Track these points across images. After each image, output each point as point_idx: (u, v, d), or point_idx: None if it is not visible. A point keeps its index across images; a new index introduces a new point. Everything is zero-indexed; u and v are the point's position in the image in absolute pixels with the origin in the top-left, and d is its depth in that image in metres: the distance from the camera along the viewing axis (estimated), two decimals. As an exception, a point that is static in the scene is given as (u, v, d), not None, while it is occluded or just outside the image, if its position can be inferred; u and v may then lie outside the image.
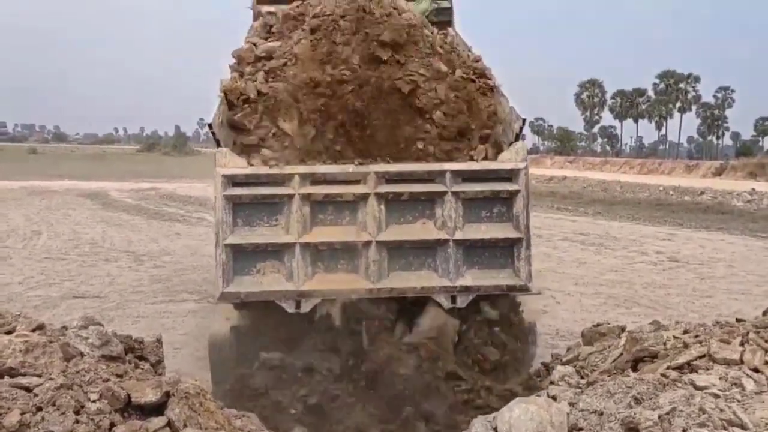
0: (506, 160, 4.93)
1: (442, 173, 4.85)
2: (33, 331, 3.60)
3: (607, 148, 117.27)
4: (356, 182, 4.81)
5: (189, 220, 17.91)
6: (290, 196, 4.71)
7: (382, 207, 4.78)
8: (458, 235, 4.77)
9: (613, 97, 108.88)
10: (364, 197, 4.77)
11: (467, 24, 7.18)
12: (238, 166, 4.77)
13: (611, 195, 30.07)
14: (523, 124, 5.00)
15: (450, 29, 7.44)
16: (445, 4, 7.64)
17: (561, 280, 9.99)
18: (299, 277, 4.64)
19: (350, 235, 4.74)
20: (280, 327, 4.82)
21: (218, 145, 4.82)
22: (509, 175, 4.89)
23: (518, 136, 5.03)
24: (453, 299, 4.78)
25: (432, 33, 5.98)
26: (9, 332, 3.50)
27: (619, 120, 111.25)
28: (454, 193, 4.81)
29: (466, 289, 4.77)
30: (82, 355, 3.52)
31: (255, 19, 7.44)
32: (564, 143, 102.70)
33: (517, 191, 4.84)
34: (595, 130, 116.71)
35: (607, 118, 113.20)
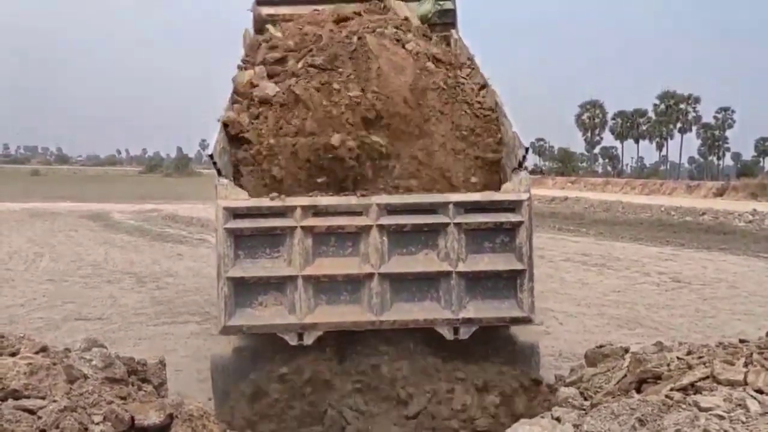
0: (509, 191, 4.91)
1: (445, 204, 4.84)
2: (37, 353, 3.61)
3: (609, 168, 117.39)
4: (358, 214, 4.79)
5: (191, 242, 17.92)
6: (292, 229, 4.70)
7: (385, 239, 4.76)
8: (461, 267, 4.75)
9: (613, 118, 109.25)
10: (367, 229, 4.76)
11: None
12: (239, 198, 4.77)
13: (613, 215, 30.04)
14: (527, 152, 4.98)
15: (453, 31, 7.46)
16: (449, 6, 7.62)
17: (563, 301, 9.97)
18: (301, 310, 4.63)
19: (352, 268, 4.73)
20: (282, 350, 4.80)
21: (219, 174, 4.80)
22: (512, 206, 4.86)
23: (521, 164, 4.99)
24: (456, 331, 4.75)
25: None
26: (13, 354, 3.52)
27: (620, 140, 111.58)
28: (457, 225, 4.79)
29: (469, 321, 4.75)
30: (85, 377, 3.52)
31: (255, 21, 7.49)
32: (565, 164, 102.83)
33: (521, 222, 4.81)
34: (596, 150, 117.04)
35: (608, 139, 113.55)
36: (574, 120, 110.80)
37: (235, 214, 4.71)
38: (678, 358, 4.54)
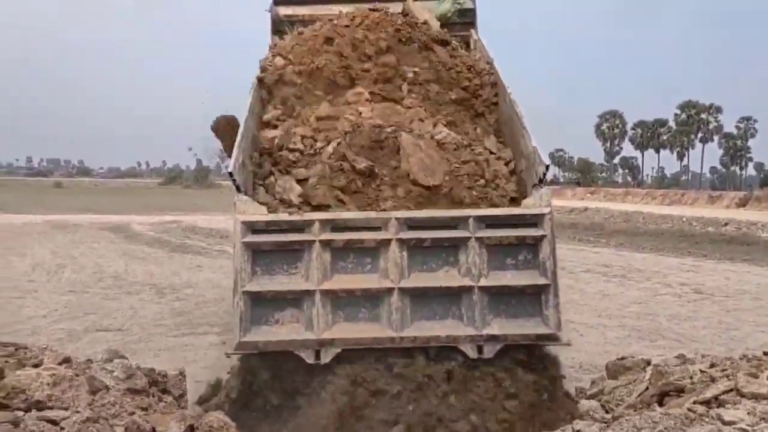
0: (530, 206, 4.83)
1: (465, 219, 4.76)
2: (59, 364, 3.65)
3: (629, 178, 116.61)
4: (377, 228, 4.74)
5: (210, 253, 18.02)
6: (310, 243, 4.64)
7: (404, 253, 4.67)
8: (483, 282, 4.63)
9: (633, 128, 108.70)
10: (386, 243, 4.68)
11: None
12: (257, 213, 4.75)
13: (634, 226, 29.81)
14: (547, 169, 4.88)
15: (473, 31, 7.44)
16: (469, 5, 7.58)
17: (584, 312, 9.89)
18: (319, 326, 4.52)
19: (372, 283, 4.64)
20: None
21: (238, 190, 4.79)
22: (534, 221, 4.77)
23: (542, 181, 4.90)
24: (480, 349, 4.57)
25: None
26: (36, 365, 3.55)
27: (640, 151, 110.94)
28: (478, 239, 4.69)
29: (494, 338, 4.57)
30: (107, 388, 3.55)
31: (273, 23, 7.53)
32: (585, 174, 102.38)
33: (543, 236, 4.70)
34: (616, 161, 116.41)
35: (627, 149, 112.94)
36: (593, 130, 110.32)
37: (254, 228, 4.68)
38: (701, 370, 4.49)
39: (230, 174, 4.75)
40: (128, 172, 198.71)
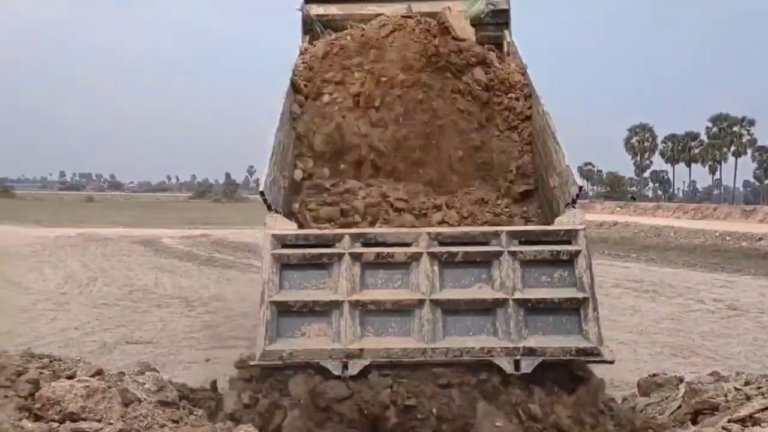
0: (563, 224, 4.75)
1: (497, 234, 4.67)
2: (92, 376, 3.70)
3: (659, 192, 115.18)
4: (407, 245, 4.66)
5: (239, 266, 18.14)
6: (340, 256, 4.58)
7: (436, 268, 4.57)
8: (518, 295, 4.48)
9: (663, 142, 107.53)
10: (417, 257, 4.60)
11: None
12: (288, 227, 4.74)
13: (664, 240, 29.47)
14: (580, 191, 4.79)
15: (506, 32, 7.37)
16: (503, 6, 7.46)
17: (614, 328, 9.75)
18: (347, 337, 4.38)
19: (402, 296, 4.53)
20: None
21: (269, 209, 4.77)
22: (568, 237, 4.67)
23: (574, 201, 4.81)
24: (516, 365, 4.35)
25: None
26: (70, 377, 3.61)
27: (670, 164, 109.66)
28: (511, 253, 4.58)
29: (531, 352, 4.35)
30: (139, 400, 3.59)
31: (304, 23, 7.55)
32: (614, 188, 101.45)
33: (578, 251, 4.58)
34: (646, 174, 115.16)
35: (657, 163, 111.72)
36: (623, 144, 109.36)
37: (283, 242, 4.66)
38: (735, 388, 4.41)
39: (261, 194, 4.72)
40: (158, 186, 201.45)
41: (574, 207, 4.80)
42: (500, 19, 7.46)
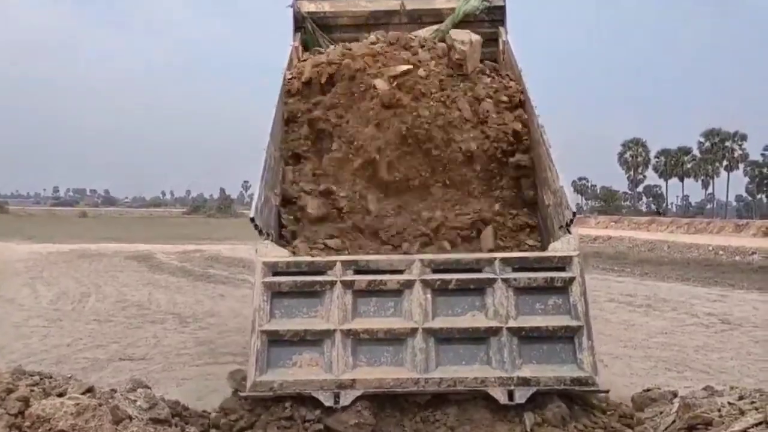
0: (557, 250, 4.72)
1: (491, 261, 4.64)
2: (83, 393, 3.68)
3: (653, 207, 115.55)
4: (400, 272, 4.63)
5: (233, 282, 18.07)
6: (332, 283, 4.53)
7: (429, 296, 4.53)
8: (512, 323, 4.44)
9: (657, 156, 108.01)
10: (410, 284, 4.55)
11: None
12: (280, 255, 4.69)
13: (658, 255, 29.53)
14: (574, 216, 4.77)
15: (502, 30, 7.38)
16: (498, 3, 7.48)
17: (608, 342, 9.74)
18: (338, 367, 4.32)
19: (395, 324, 4.49)
20: None
21: (260, 233, 4.76)
22: (562, 264, 4.64)
23: (568, 227, 4.82)
24: (510, 395, 4.30)
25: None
26: (60, 394, 3.58)
27: (663, 179, 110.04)
28: (505, 280, 4.54)
29: (525, 382, 4.32)
30: (130, 418, 3.57)
31: (295, 20, 7.53)
32: (608, 203, 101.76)
33: (572, 279, 4.55)
34: (640, 189, 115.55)
35: (651, 177, 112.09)
36: (616, 158, 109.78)
37: (275, 270, 4.61)
38: (729, 403, 4.41)
39: (251, 220, 4.68)
40: (153, 201, 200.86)
41: (568, 233, 4.77)
42: (495, 15, 7.47)
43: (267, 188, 5.19)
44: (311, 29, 7.57)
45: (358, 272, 4.63)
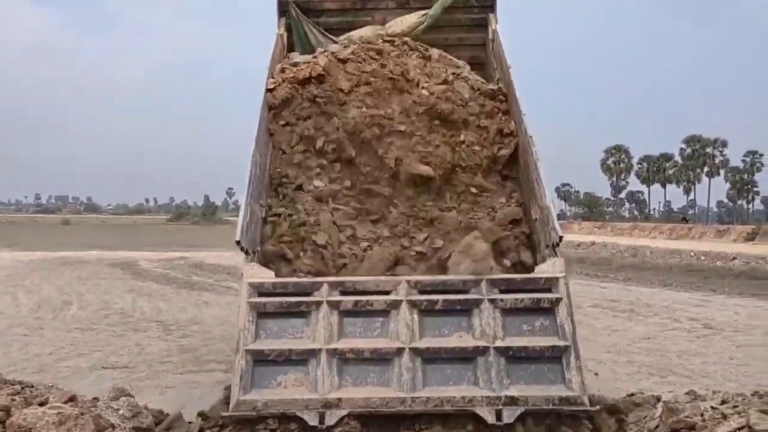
0: (543, 272, 4.72)
1: (477, 282, 4.63)
2: (65, 402, 3.64)
3: (635, 213, 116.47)
4: (386, 293, 4.60)
5: (217, 289, 17.99)
6: (318, 304, 4.50)
7: (415, 316, 4.50)
8: (499, 343, 4.41)
9: (639, 162, 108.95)
10: (396, 305, 4.52)
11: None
12: (265, 276, 4.66)
13: (641, 260, 29.74)
14: (560, 240, 4.77)
15: (491, 16, 7.33)
16: None
17: (592, 348, 9.79)
18: (324, 386, 4.26)
19: (381, 344, 4.45)
20: None
21: (246, 254, 4.73)
22: (548, 285, 4.64)
23: (555, 249, 4.80)
24: (498, 414, 4.24)
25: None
26: (42, 404, 3.55)
27: (646, 185, 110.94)
28: (491, 301, 4.54)
29: (513, 401, 4.27)
30: (113, 426, 3.54)
31: (279, 4, 7.44)
32: (591, 209, 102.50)
33: (559, 299, 4.55)
34: (623, 195, 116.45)
35: (633, 183, 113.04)
36: (599, 164, 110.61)
37: (260, 291, 4.57)
38: (712, 407, 4.44)
39: (237, 243, 4.63)
40: (136, 208, 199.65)
41: (555, 255, 4.76)
42: (485, 1, 7.43)
43: (253, 201, 5.14)
44: (296, 15, 7.46)
45: (344, 293, 4.58)
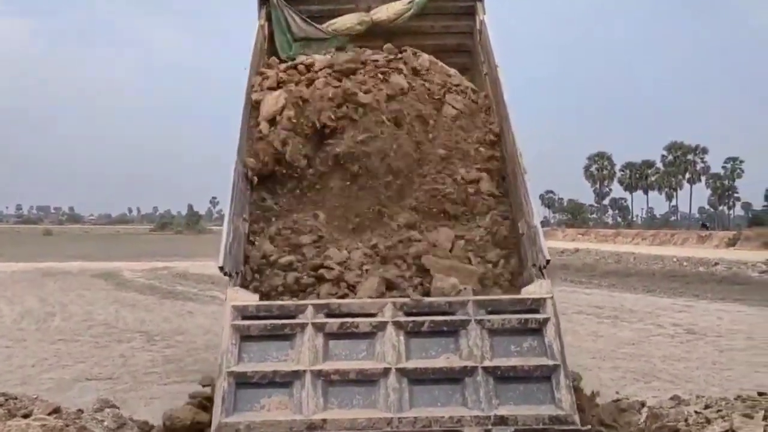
0: (531, 293, 4.67)
1: (464, 304, 4.57)
2: (50, 414, 3.61)
3: (619, 219, 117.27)
4: (373, 315, 4.53)
5: (202, 299, 17.92)
6: (302, 326, 4.42)
7: (401, 337, 4.43)
8: (487, 363, 4.33)
9: (622, 169, 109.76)
10: (382, 326, 4.45)
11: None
12: (249, 301, 4.60)
13: (625, 267, 29.97)
14: (547, 263, 4.74)
15: (479, 5, 7.12)
16: None
17: (577, 354, 9.82)
18: (308, 408, 4.16)
19: (367, 365, 4.35)
20: None
21: (229, 277, 4.67)
22: (536, 306, 4.59)
23: (542, 271, 4.76)
24: None
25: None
26: (26, 416, 3.52)
27: (629, 192, 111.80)
28: (479, 322, 4.46)
29: (503, 421, 4.17)
30: (98, 438, 3.51)
31: None
32: (575, 216, 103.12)
33: (547, 319, 4.49)
34: (606, 202, 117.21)
35: (617, 190, 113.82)
36: (582, 171, 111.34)
37: (244, 314, 4.50)
38: (696, 412, 4.49)
39: (221, 268, 4.57)
40: (119, 218, 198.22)
41: (542, 277, 4.73)
42: None
43: (236, 216, 5.07)
44: (276, 3, 7.32)
45: (330, 315, 4.51)
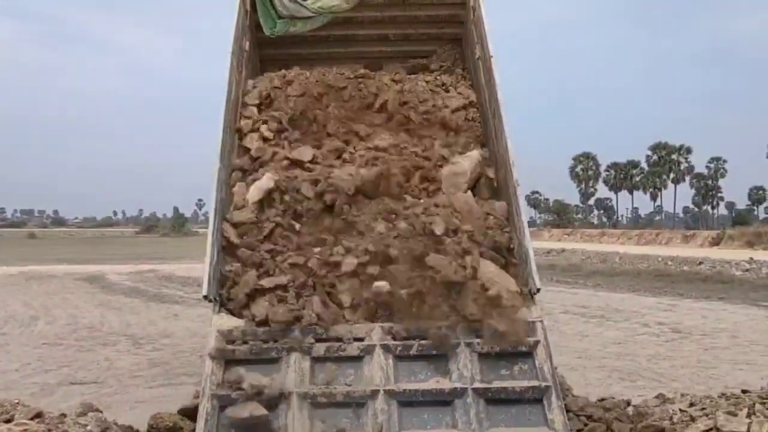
0: (522, 316, 4.59)
1: (452, 328, 4.47)
2: (32, 419, 3.58)
3: (604, 219, 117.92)
4: (360, 339, 4.44)
5: (188, 301, 17.82)
6: (288, 350, 4.35)
7: (390, 361, 4.35)
8: (477, 384, 4.26)
9: (607, 170, 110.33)
10: (370, 350, 4.37)
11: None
12: (234, 325, 4.51)
13: (610, 266, 30.13)
14: (538, 291, 4.70)
15: None
16: None
17: (563, 354, 9.86)
18: (294, 429, 4.05)
19: (355, 388, 4.26)
20: None
21: (213, 302, 4.58)
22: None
23: (532, 296, 4.71)
24: None
25: None
26: (8, 421, 3.48)
27: (614, 192, 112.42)
28: (468, 344, 4.40)
29: None
30: (81, 442, 3.48)
31: None
32: (561, 216, 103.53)
33: (537, 342, 4.43)
34: (591, 202, 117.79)
35: (602, 190, 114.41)
36: (567, 172, 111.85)
37: (228, 338, 4.44)
38: (680, 410, 4.52)
39: (205, 297, 4.47)
40: (104, 221, 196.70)
41: (533, 303, 4.68)
42: None
43: (219, 218, 4.93)
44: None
45: (318, 340, 4.44)
